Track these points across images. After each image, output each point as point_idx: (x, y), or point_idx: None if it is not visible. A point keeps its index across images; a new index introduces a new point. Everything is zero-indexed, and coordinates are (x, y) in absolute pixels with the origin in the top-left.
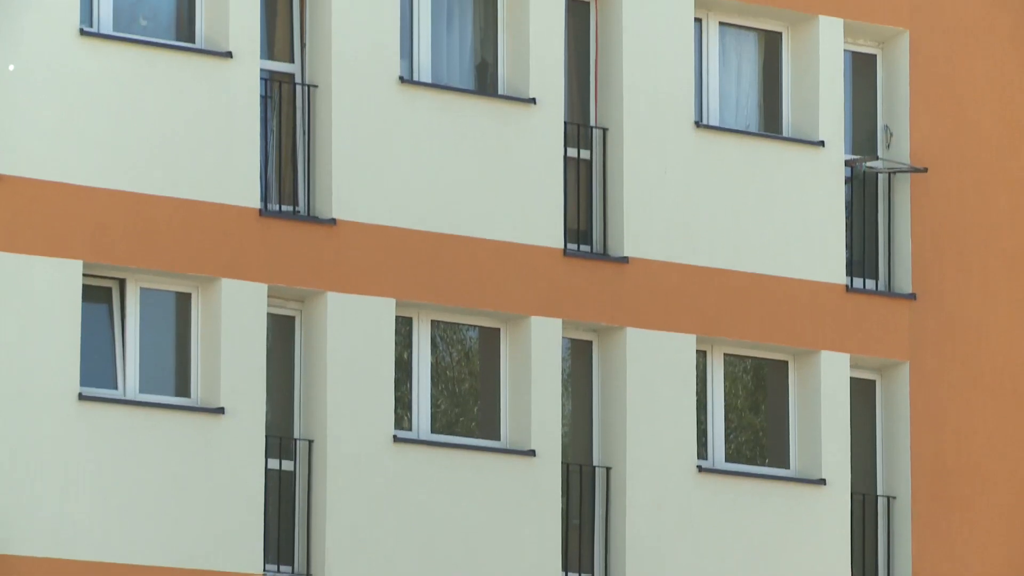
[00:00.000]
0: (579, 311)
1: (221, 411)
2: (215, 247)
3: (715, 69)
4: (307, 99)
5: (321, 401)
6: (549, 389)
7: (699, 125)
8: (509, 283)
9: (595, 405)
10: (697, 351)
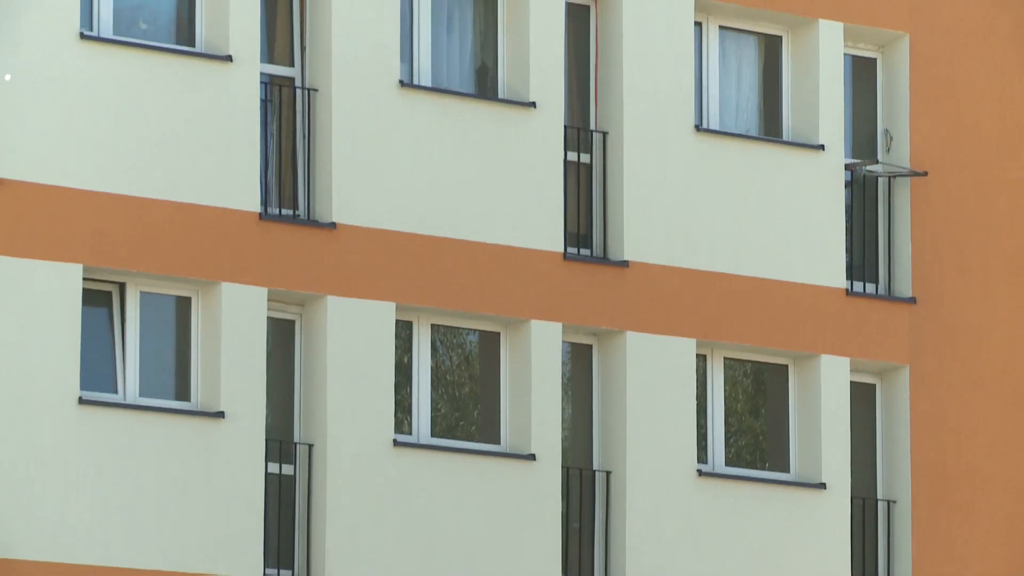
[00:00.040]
0: (579, 315)
1: (221, 415)
2: (215, 251)
3: (715, 73)
4: (307, 103)
5: (321, 405)
6: (549, 393)
7: (699, 129)
8: (509, 287)
9: (595, 409)
10: (697, 355)
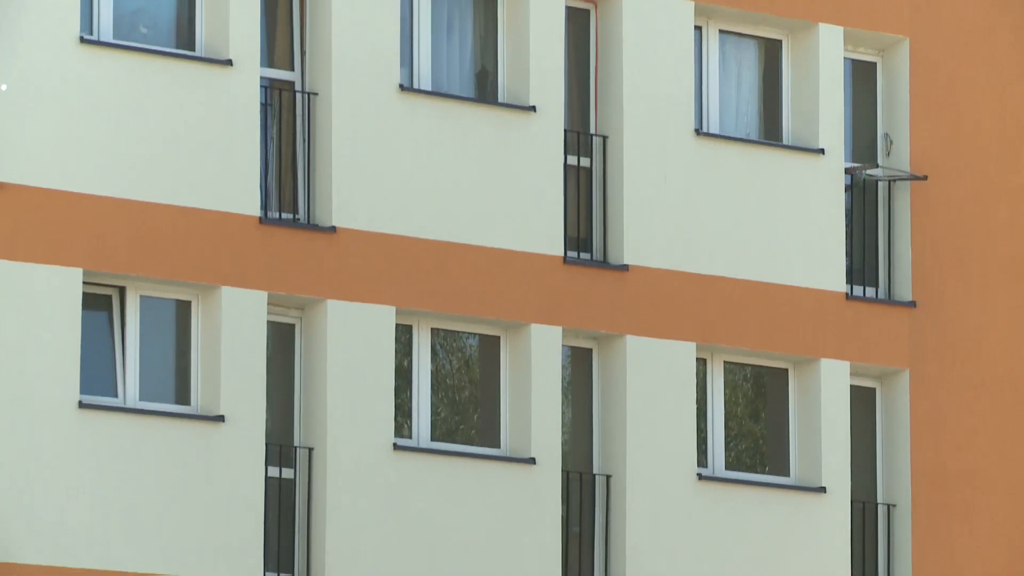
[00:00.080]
0: (579, 319)
1: (221, 419)
2: (215, 255)
3: (715, 77)
4: (307, 107)
5: (321, 409)
6: (549, 397)
7: (699, 133)
8: (509, 291)
9: (595, 413)
10: (697, 359)
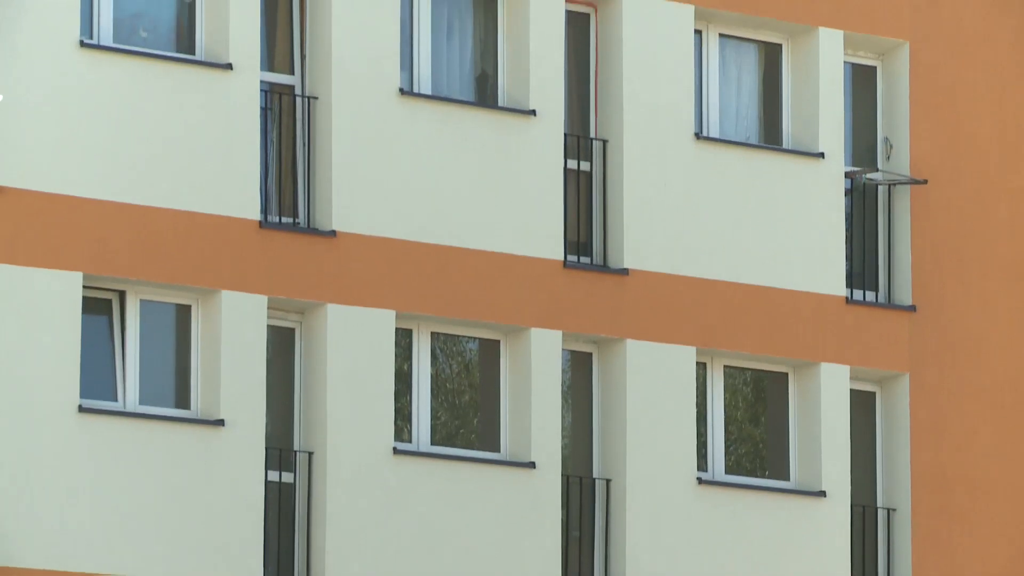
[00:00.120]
0: (579, 323)
1: (221, 423)
2: (215, 259)
3: (715, 81)
4: (307, 111)
5: (321, 413)
6: (549, 401)
7: (699, 137)
8: (509, 295)
9: (595, 417)
10: (697, 363)
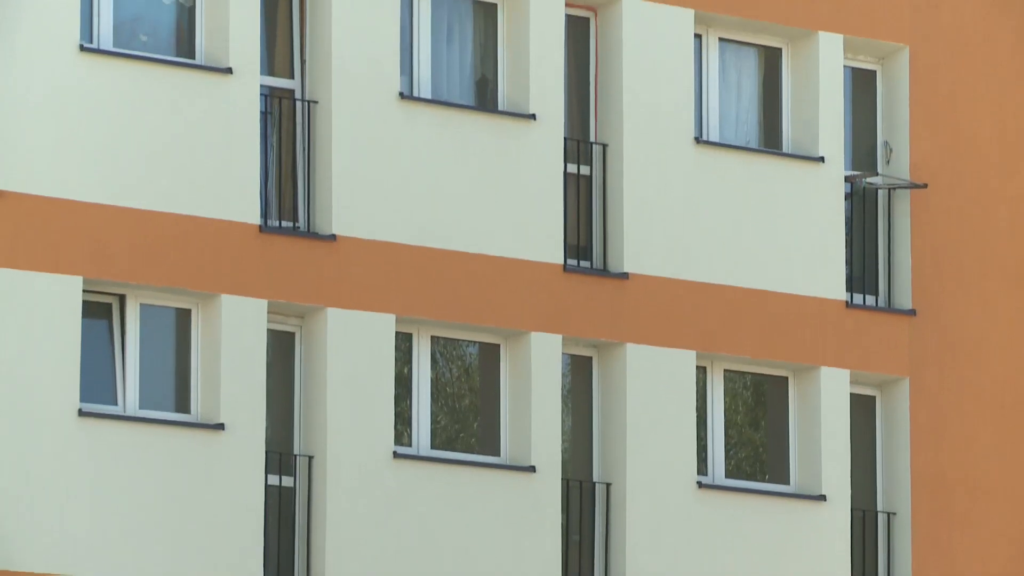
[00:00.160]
0: (579, 327)
1: (221, 427)
2: (215, 263)
3: (715, 85)
4: (307, 115)
5: (321, 417)
6: (549, 405)
7: (699, 141)
8: (509, 299)
9: (595, 421)
10: (697, 367)
